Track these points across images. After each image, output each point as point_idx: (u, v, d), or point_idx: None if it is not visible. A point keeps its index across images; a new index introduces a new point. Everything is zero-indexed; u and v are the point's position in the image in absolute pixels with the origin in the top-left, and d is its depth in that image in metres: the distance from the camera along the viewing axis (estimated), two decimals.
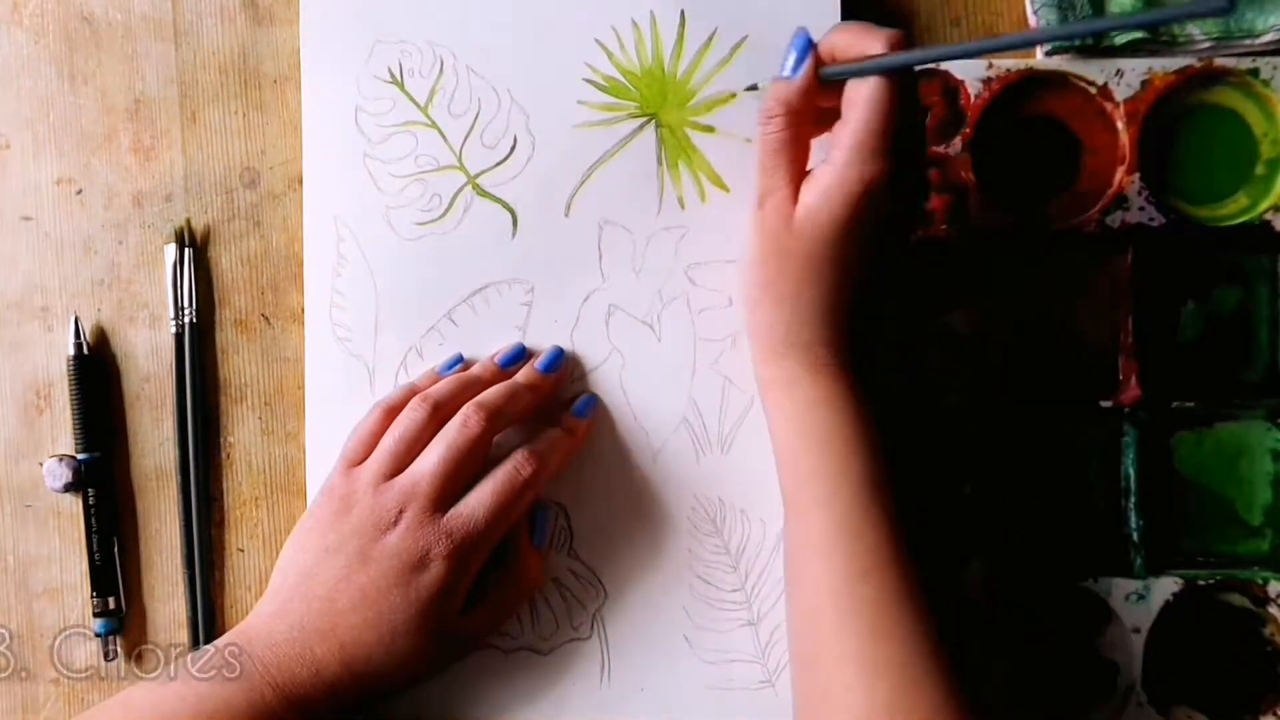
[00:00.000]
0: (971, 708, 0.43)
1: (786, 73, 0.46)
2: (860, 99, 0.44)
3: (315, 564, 0.48)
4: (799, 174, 0.46)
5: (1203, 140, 0.53)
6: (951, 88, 0.52)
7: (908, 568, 0.45)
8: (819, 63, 0.46)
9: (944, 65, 0.52)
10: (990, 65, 0.52)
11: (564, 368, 0.53)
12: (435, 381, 0.52)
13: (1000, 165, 0.53)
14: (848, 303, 0.47)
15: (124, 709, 0.46)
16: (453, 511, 0.48)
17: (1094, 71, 0.52)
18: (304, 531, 0.49)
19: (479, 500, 0.48)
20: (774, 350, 0.48)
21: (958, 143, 0.52)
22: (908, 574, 0.45)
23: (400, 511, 0.47)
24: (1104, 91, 0.52)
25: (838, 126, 0.45)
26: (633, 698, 0.53)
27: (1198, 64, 0.52)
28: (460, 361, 0.53)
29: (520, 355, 0.53)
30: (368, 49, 0.53)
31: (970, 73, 0.52)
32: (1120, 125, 0.52)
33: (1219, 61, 0.52)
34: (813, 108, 0.47)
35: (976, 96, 0.52)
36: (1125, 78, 0.52)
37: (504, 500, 0.48)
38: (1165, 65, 0.52)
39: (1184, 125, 0.53)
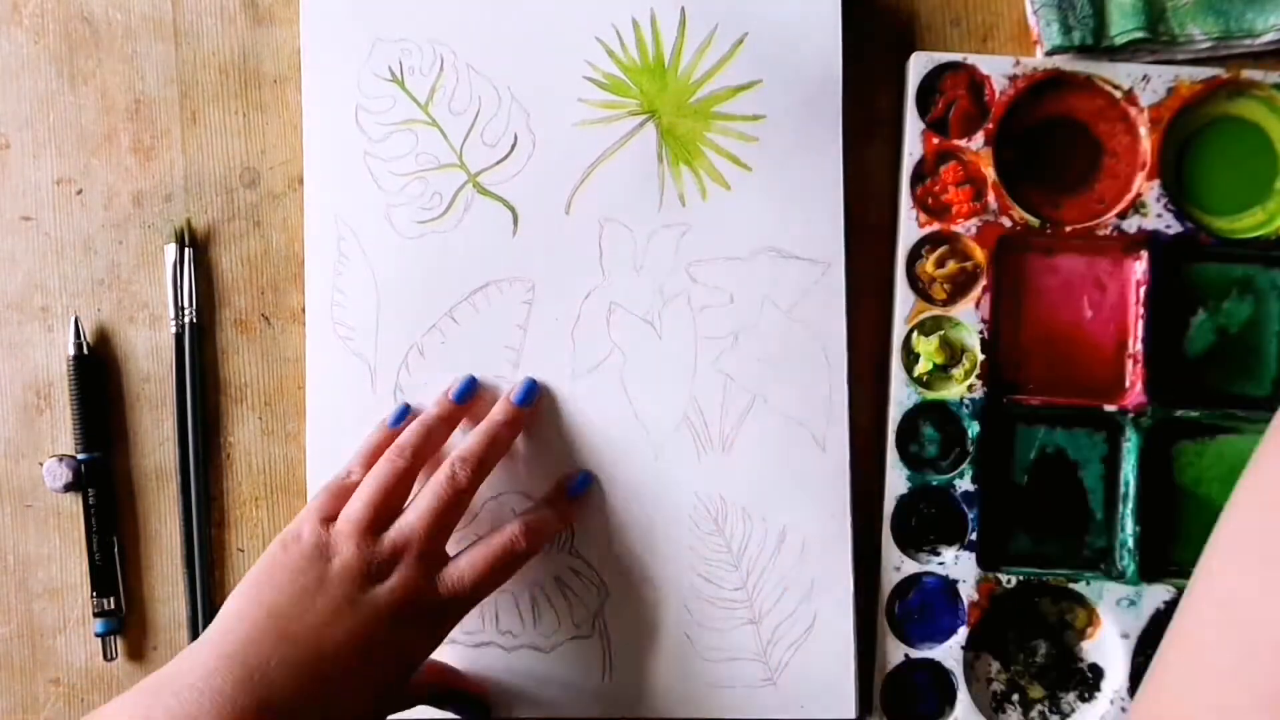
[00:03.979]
0: None
1: None
2: None
3: (291, 604, 0.45)
4: None
5: (1224, 151, 0.53)
6: (978, 82, 0.52)
7: None
8: None
9: (971, 59, 0.52)
10: (1017, 63, 0.52)
11: (539, 398, 0.53)
12: (389, 437, 0.50)
13: (1020, 162, 0.53)
14: None
15: None
16: (444, 573, 0.47)
17: (1120, 75, 0.52)
18: (264, 577, 0.46)
19: (470, 564, 0.48)
20: None
21: (979, 137, 0.52)
22: None
23: (392, 565, 0.46)
24: (1129, 96, 0.52)
25: None
26: (634, 696, 0.53)
27: (1225, 74, 0.52)
28: (407, 412, 0.52)
29: (471, 387, 0.52)
30: (368, 47, 0.53)
31: (996, 69, 0.52)
32: (1143, 130, 0.52)
33: (1246, 74, 0.52)
34: None
35: (1001, 93, 0.52)
36: (1151, 84, 0.52)
37: (495, 568, 0.48)
38: (1192, 74, 0.52)
39: (1206, 135, 0.53)
